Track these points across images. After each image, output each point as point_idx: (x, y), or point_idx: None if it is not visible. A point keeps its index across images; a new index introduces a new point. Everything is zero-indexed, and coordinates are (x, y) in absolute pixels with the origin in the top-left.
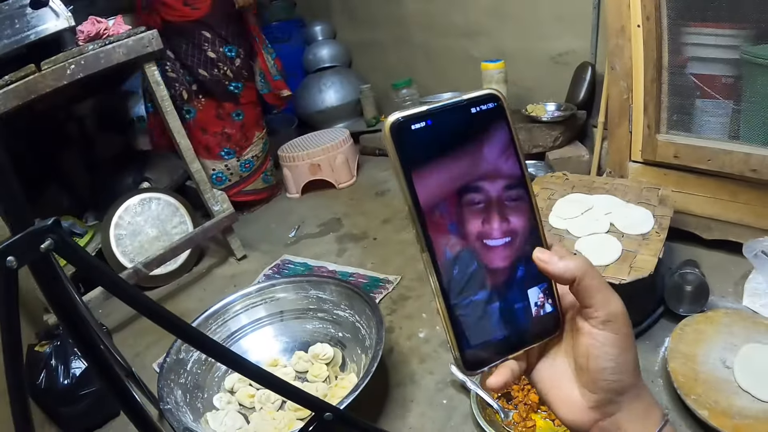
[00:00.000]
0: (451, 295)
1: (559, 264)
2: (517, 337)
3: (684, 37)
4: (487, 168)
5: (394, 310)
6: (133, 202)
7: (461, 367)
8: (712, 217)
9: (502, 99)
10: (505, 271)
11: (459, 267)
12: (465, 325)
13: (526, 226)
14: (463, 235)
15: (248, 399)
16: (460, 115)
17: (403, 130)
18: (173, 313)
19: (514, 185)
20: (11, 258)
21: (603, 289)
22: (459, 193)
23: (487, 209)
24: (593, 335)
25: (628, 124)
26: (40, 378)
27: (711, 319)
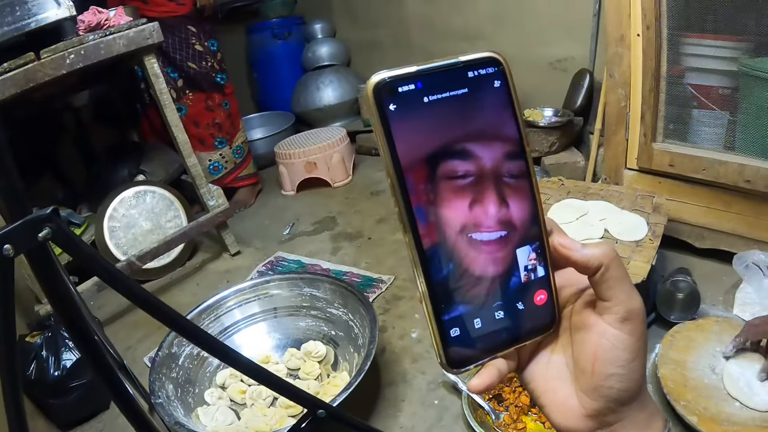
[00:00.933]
0: (435, 283)
1: (584, 251)
2: (507, 333)
3: (683, 47)
4: (483, 141)
5: (387, 309)
6: (128, 195)
7: (444, 364)
8: (705, 226)
9: (504, 63)
10: (499, 259)
11: (446, 252)
12: (449, 318)
13: (526, 209)
14: (454, 217)
15: (239, 395)
16: (455, 78)
17: (389, 92)
18: (169, 306)
19: (514, 162)
20: (8, 246)
21: (626, 282)
22: (451, 168)
23: (483, 187)
24: (605, 335)
25: (624, 131)
26: (30, 369)
27: (701, 327)
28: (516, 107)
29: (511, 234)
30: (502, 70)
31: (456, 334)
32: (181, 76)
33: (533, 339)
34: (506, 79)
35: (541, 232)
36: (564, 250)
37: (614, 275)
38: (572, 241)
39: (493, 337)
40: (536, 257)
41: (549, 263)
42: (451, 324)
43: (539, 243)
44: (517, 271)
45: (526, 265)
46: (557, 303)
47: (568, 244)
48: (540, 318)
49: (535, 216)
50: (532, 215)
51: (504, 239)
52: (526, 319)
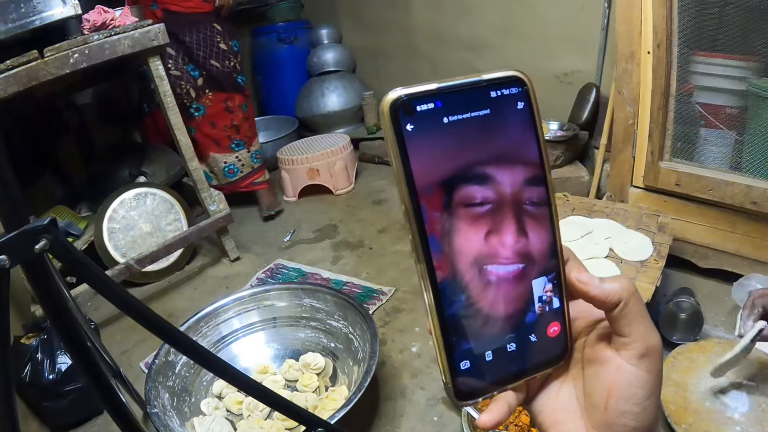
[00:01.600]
0: (446, 314)
1: (603, 287)
2: (518, 366)
3: (692, 65)
4: (504, 167)
5: (387, 322)
6: (129, 196)
7: (452, 396)
8: (710, 246)
9: (528, 84)
10: (514, 291)
11: (460, 283)
12: (459, 350)
13: (544, 239)
14: (469, 247)
15: (236, 405)
16: (477, 98)
17: (407, 111)
18: (165, 320)
19: (535, 189)
20: (3, 257)
21: (645, 318)
22: (469, 194)
23: (501, 216)
24: (622, 371)
25: (631, 149)
26: (25, 371)
27: (703, 348)
28: (539, 131)
29: (528, 266)
30: (526, 91)
31: (466, 367)
32: (201, 75)
33: (544, 371)
34: (530, 100)
35: (559, 262)
36: (582, 286)
37: (633, 311)
38: (590, 276)
39: (503, 369)
40: (552, 288)
41: (564, 294)
42: (461, 356)
43: (556, 274)
44: (532, 303)
45: (540, 296)
46: (570, 334)
47: (586, 279)
48: (552, 350)
49: (554, 246)
50: (551, 245)
51: (521, 271)
52: (538, 351)
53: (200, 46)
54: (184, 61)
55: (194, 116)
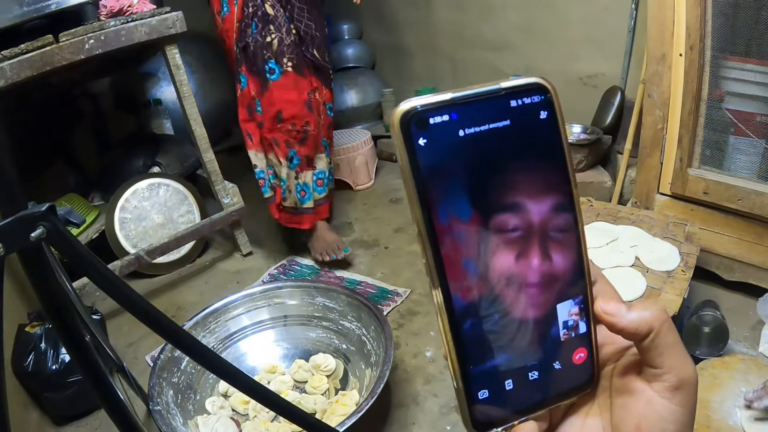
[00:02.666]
0: (465, 341)
1: (631, 317)
2: (540, 394)
3: (724, 70)
4: (528, 185)
5: (401, 324)
6: (141, 186)
7: (468, 426)
8: (736, 258)
9: (552, 91)
10: (537, 317)
11: (478, 309)
12: (478, 378)
13: (571, 261)
14: (489, 271)
15: (242, 405)
16: (495, 108)
17: (419, 124)
18: (168, 317)
19: (562, 209)
20: None
21: (679, 348)
22: (488, 216)
23: (525, 240)
24: (653, 405)
25: (660, 154)
26: (28, 360)
27: (727, 365)
28: (565, 143)
29: (552, 289)
30: (549, 99)
31: (484, 396)
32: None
33: (568, 400)
34: (554, 109)
35: (586, 285)
36: (608, 318)
37: (665, 341)
38: (617, 305)
39: (524, 397)
40: (578, 312)
41: (591, 318)
42: (479, 384)
43: (582, 297)
44: (557, 328)
45: (566, 321)
46: (597, 361)
47: (612, 310)
48: (577, 377)
49: (580, 269)
50: (577, 268)
51: (544, 295)
52: (563, 379)
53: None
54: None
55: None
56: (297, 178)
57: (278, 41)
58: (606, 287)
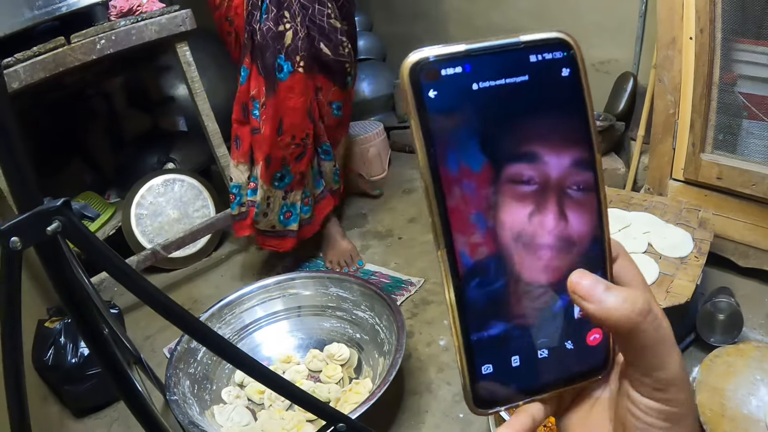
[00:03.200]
0: (469, 308)
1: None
2: (549, 375)
3: (736, 53)
4: (546, 138)
5: (415, 314)
6: (157, 182)
7: (470, 402)
8: (751, 244)
9: (575, 48)
10: (551, 287)
11: (487, 273)
12: (482, 351)
13: (589, 230)
14: (499, 232)
15: (258, 395)
16: (513, 62)
17: (430, 75)
18: (182, 307)
19: (582, 167)
20: (15, 239)
21: (660, 343)
22: (501, 165)
23: (541, 195)
24: (635, 402)
25: (672, 140)
26: (48, 354)
27: (742, 352)
28: (588, 103)
29: (568, 256)
30: (572, 56)
31: (488, 371)
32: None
33: (578, 384)
34: (577, 67)
35: (606, 258)
36: (577, 298)
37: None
38: (594, 280)
39: (532, 377)
40: None
41: None
42: (483, 357)
43: (601, 273)
44: (571, 305)
45: None
46: (613, 345)
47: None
48: (590, 360)
49: (600, 239)
50: (597, 237)
51: (559, 261)
52: (574, 361)
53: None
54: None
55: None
56: (285, 198)
57: (293, 33)
58: (628, 264)
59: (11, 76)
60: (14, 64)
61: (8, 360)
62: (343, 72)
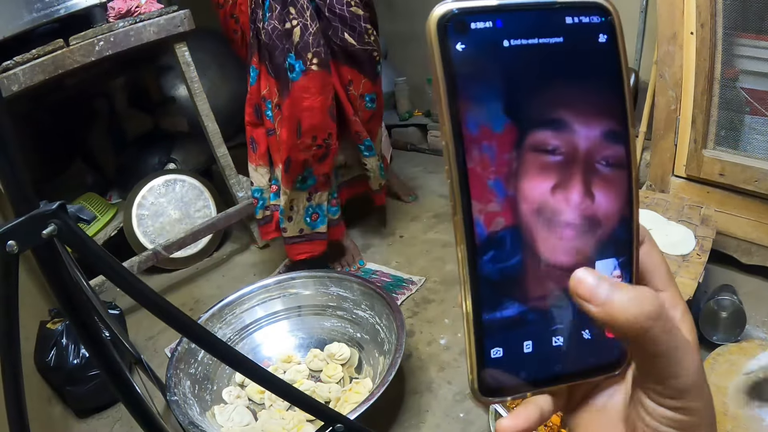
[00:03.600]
0: (483, 284)
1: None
2: (562, 366)
3: (737, 48)
4: (576, 107)
5: (416, 312)
6: (158, 183)
7: (474, 389)
8: (754, 241)
9: (614, 14)
10: (570, 269)
11: (503, 247)
12: (493, 332)
13: (617, 208)
14: (519, 203)
15: (258, 395)
16: (548, 21)
17: (458, 28)
18: (179, 309)
19: (613, 140)
20: (12, 242)
21: (674, 350)
22: (526, 130)
23: (567, 168)
24: (647, 409)
25: (674, 136)
26: (50, 356)
27: (745, 351)
28: (624, 73)
29: (592, 236)
30: (610, 22)
31: (498, 355)
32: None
33: (592, 379)
34: (615, 34)
35: (632, 243)
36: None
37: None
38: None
39: (544, 366)
40: (620, 276)
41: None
42: (494, 339)
43: (627, 257)
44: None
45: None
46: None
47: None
48: (608, 354)
49: (628, 221)
50: (625, 218)
51: (582, 241)
52: (590, 353)
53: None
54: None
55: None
56: (310, 200)
57: (301, 29)
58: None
59: (10, 79)
60: (13, 66)
61: (7, 363)
62: (371, 61)
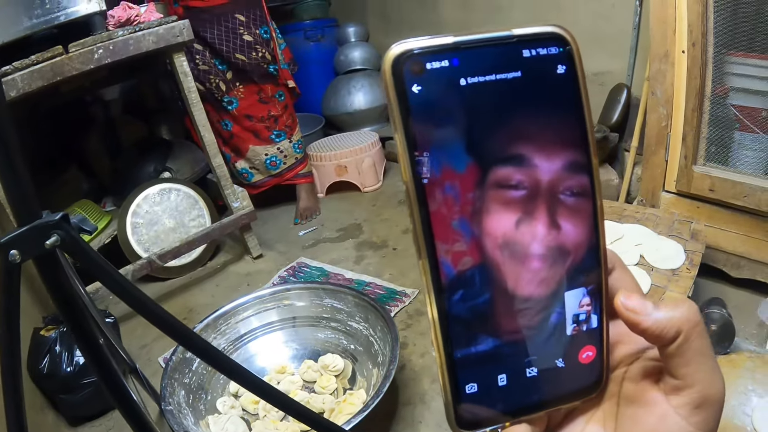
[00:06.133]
0: (453, 323)
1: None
2: (538, 394)
3: (728, 66)
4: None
5: (409, 325)
6: (153, 191)
7: (452, 423)
8: (743, 255)
9: (572, 43)
10: (542, 302)
11: (471, 285)
12: (466, 368)
13: (583, 238)
14: (485, 240)
15: (252, 405)
16: (505, 57)
17: (414, 69)
18: (177, 319)
19: (576, 171)
20: (14, 252)
21: (708, 359)
22: (488, 167)
23: (530, 201)
24: (666, 421)
25: (664, 152)
26: (43, 363)
27: (734, 363)
28: (585, 103)
29: (559, 267)
30: (569, 52)
31: (472, 391)
32: (230, 68)
33: (569, 404)
34: (574, 64)
35: (601, 272)
36: (630, 315)
37: (694, 348)
38: (642, 302)
39: (519, 397)
40: (590, 304)
41: (605, 311)
42: (467, 375)
43: (596, 286)
44: (563, 320)
45: (576, 314)
46: (608, 362)
47: (636, 306)
48: (583, 379)
49: (595, 249)
50: (591, 247)
51: (550, 273)
52: (565, 380)
53: (222, 40)
54: (211, 55)
55: (228, 109)
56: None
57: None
58: (625, 277)
59: (9, 85)
60: (12, 72)
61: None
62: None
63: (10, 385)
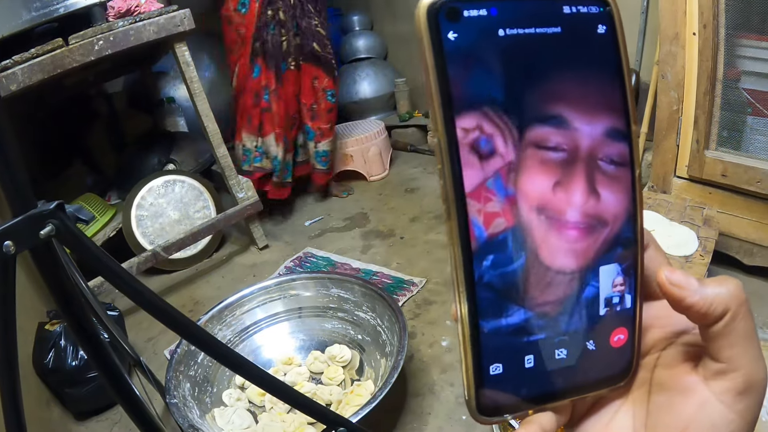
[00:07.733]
0: (482, 289)
1: (705, 291)
2: (565, 380)
3: (739, 49)
4: (577, 101)
5: (417, 314)
6: (157, 183)
7: (472, 409)
8: (756, 242)
9: (612, 5)
10: (572, 276)
11: (503, 250)
12: (493, 345)
13: (622, 209)
14: (521, 201)
15: (258, 397)
16: (545, 11)
17: (450, 16)
18: (179, 311)
19: (617, 138)
20: (8, 243)
21: (754, 342)
22: (526, 125)
23: (569, 165)
24: (706, 409)
25: (675, 137)
26: (48, 357)
27: None
28: (625, 67)
29: (596, 238)
30: (609, 13)
31: (497, 372)
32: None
33: (598, 391)
34: (614, 25)
35: (637, 247)
36: (675, 291)
37: (741, 328)
38: (686, 277)
39: (546, 381)
40: (624, 283)
41: (639, 291)
42: (492, 354)
43: (631, 263)
44: (597, 297)
45: (609, 291)
46: (638, 347)
47: (680, 281)
48: (613, 364)
49: (632, 223)
50: (629, 220)
51: (586, 243)
52: (595, 364)
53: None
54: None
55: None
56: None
57: (287, 43)
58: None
59: (9, 78)
60: (12, 66)
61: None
62: (330, 64)
63: (8, 379)
